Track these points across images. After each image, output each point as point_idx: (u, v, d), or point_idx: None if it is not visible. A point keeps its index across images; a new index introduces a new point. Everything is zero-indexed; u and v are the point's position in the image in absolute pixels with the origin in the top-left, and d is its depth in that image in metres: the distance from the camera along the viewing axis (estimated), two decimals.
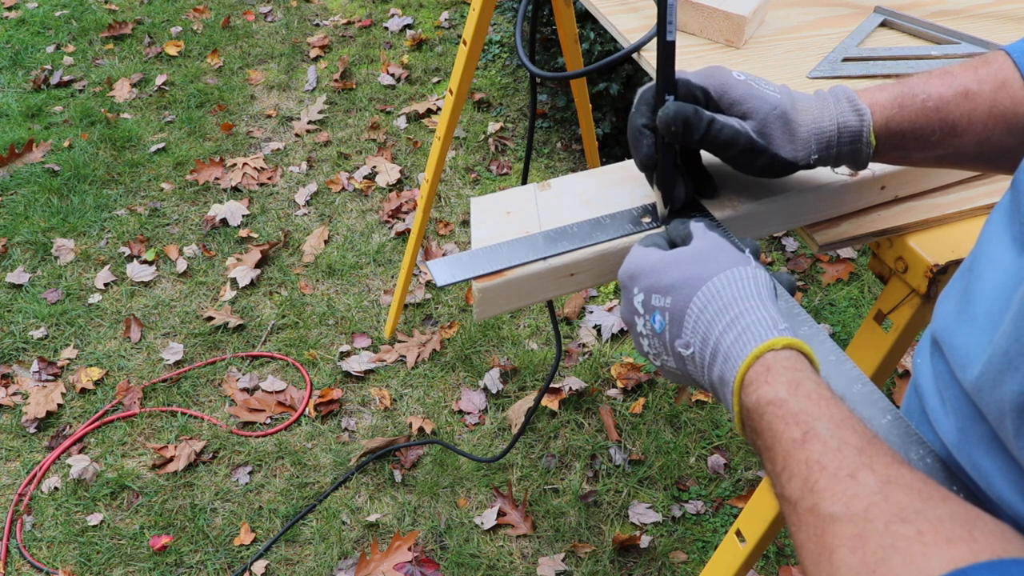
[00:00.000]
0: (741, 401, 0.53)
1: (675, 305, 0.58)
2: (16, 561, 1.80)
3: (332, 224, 2.62)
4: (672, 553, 1.77)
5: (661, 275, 0.60)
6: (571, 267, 0.73)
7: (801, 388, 0.51)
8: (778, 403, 0.50)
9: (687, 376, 0.61)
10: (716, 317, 0.56)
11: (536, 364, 2.17)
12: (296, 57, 3.39)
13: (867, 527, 0.42)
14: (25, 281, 2.43)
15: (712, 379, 0.56)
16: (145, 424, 2.06)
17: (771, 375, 0.52)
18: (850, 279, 2.38)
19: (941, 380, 0.55)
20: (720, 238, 0.62)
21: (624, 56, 1.06)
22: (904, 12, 1.09)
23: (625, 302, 0.64)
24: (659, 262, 0.61)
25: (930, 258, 0.75)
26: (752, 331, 0.54)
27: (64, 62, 3.36)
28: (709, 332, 0.56)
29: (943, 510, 0.41)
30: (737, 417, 0.54)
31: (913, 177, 0.82)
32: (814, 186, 0.77)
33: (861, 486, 0.44)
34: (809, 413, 0.49)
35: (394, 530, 1.83)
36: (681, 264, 0.60)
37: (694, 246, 0.62)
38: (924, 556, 0.39)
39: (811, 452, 0.47)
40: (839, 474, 0.45)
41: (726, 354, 0.55)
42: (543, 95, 2.97)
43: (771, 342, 0.53)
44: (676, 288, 0.59)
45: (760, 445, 0.51)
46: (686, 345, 0.58)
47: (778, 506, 0.89)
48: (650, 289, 0.60)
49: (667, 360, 0.61)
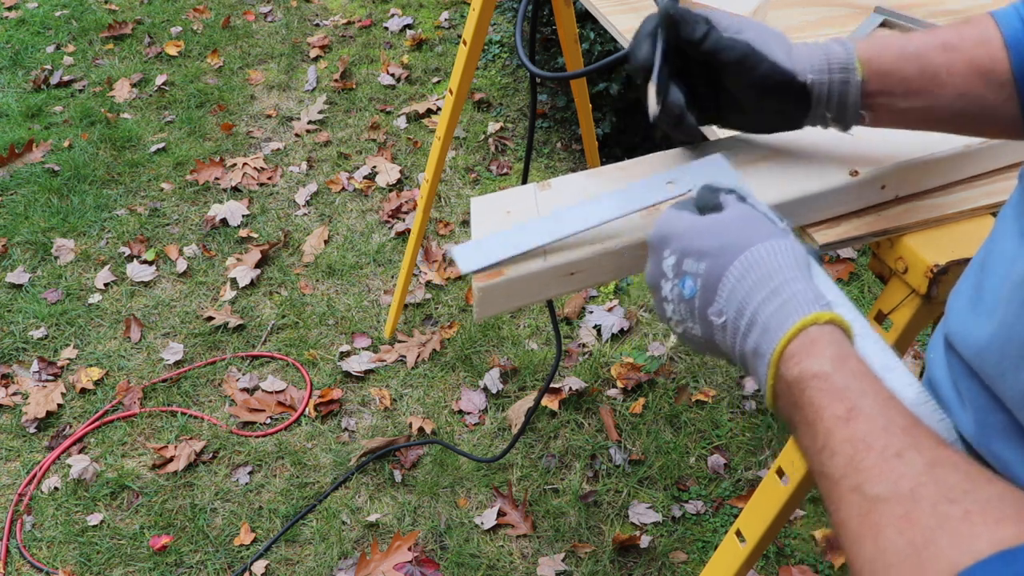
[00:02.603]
0: (779, 373, 0.52)
1: (710, 271, 0.57)
2: (16, 561, 1.80)
3: (332, 224, 2.62)
4: (672, 553, 1.77)
5: (697, 239, 0.59)
6: (571, 267, 0.73)
7: (847, 364, 0.50)
8: (823, 377, 0.49)
9: (711, 345, 0.59)
10: (755, 287, 0.55)
11: (536, 364, 2.17)
12: (296, 57, 3.39)
13: (914, 508, 0.41)
14: (25, 281, 2.43)
15: (744, 349, 0.55)
16: (145, 424, 2.06)
17: (815, 348, 0.51)
18: (850, 279, 2.38)
19: (956, 373, 0.55)
20: (754, 210, 0.61)
21: (624, 56, 1.06)
22: (904, 12, 1.09)
23: (653, 265, 0.62)
24: (695, 226, 0.60)
25: (930, 258, 0.75)
26: (794, 303, 0.53)
27: (64, 62, 3.36)
28: (746, 301, 0.55)
29: (990, 491, 0.41)
30: (770, 390, 0.53)
31: (913, 177, 0.82)
32: (814, 186, 0.77)
33: (908, 466, 0.43)
34: (854, 390, 0.48)
35: (394, 530, 1.83)
36: (719, 230, 0.58)
37: (731, 213, 0.60)
38: (971, 536, 0.39)
39: (856, 430, 0.46)
40: (885, 453, 0.44)
41: (765, 325, 0.53)
42: (543, 95, 2.97)
43: (815, 315, 0.52)
44: (713, 254, 0.57)
45: (798, 419, 0.50)
46: (719, 313, 0.56)
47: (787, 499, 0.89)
48: (684, 252, 0.59)
49: (691, 327, 0.59)
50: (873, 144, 0.81)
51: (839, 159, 0.79)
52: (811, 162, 0.79)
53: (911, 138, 0.82)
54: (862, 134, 0.82)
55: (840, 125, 0.72)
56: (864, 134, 0.82)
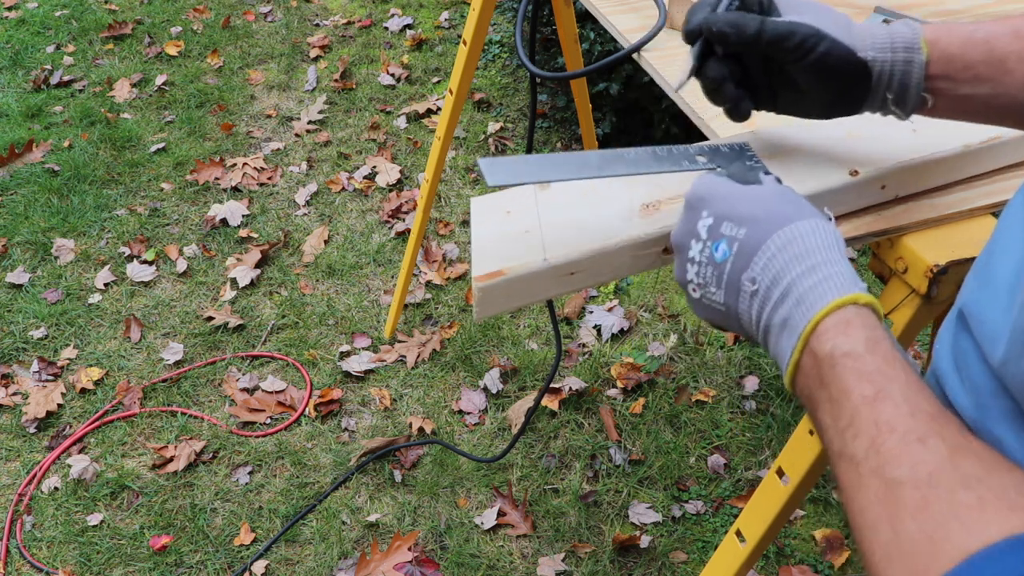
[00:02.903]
0: (810, 347, 0.52)
1: (750, 237, 0.57)
2: (16, 561, 1.80)
3: (332, 224, 2.62)
4: (672, 553, 1.77)
5: (739, 204, 0.59)
6: (571, 266, 0.73)
7: (879, 347, 0.50)
8: (855, 356, 0.49)
9: (728, 313, 0.59)
10: (795, 259, 0.54)
11: (536, 364, 2.17)
12: (296, 57, 3.39)
13: (930, 493, 0.41)
14: (25, 281, 2.43)
15: (771, 320, 0.55)
16: (145, 424, 2.06)
17: (851, 328, 0.50)
18: None
19: (962, 357, 0.55)
20: (796, 192, 0.61)
21: (624, 56, 1.06)
22: (904, 12, 1.09)
23: (685, 224, 0.62)
24: (737, 191, 0.60)
25: (930, 258, 0.75)
26: (834, 281, 0.53)
27: (64, 62, 3.36)
28: (783, 272, 0.54)
29: (1007, 479, 0.41)
30: (793, 364, 0.52)
31: (913, 177, 0.82)
32: (814, 186, 0.77)
33: (929, 452, 0.43)
34: (884, 373, 0.48)
35: (394, 530, 1.83)
36: (763, 200, 0.59)
37: (775, 188, 0.61)
38: (983, 523, 0.39)
39: (881, 412, 0.46)
40: (908, 438, 0.44)
41: (800, 297, 0.53)
42: (543, 95, 2.97)
43: (854, 296, 0.52)
44: (756, 221, 0.57)
45: (822, 397, 0.50)
46: (752, 280, 0.56)
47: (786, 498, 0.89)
48: (724, 215, 0.59)
49: (713, 292, 0.59)
50: (873, 144, 0.81)
51: (839, 159, 0.79)
52: (811, 162, 0.79)
53: (911, 138, 0.82)
54: (862, 134, 0.82)
55: (901, 109, 0.70)
56: (864, 134, 0.82)
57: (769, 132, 0.84)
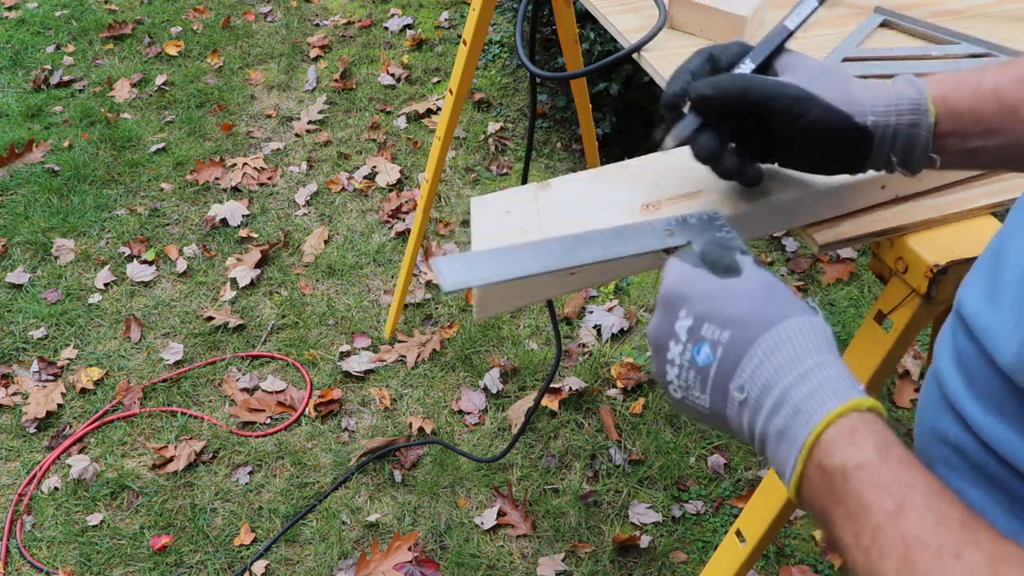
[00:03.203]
0: (816, 460, 0.48)
1: (734, 342, 0.52)
2: (16, 561, 1.80)
3: (332, 224, 2.62)
4: (672, 553, 1.77)
5: (721, 305, 0.54)
6: (571, 267, 0.72)
7: (892, 453, 0.46)
8: (869, 468, 0.46)
9: (718, 419, 0.55)
10: (787, 365, 0.51)
11: (536, 364, 2.17)
12: (296, 57, 3.39)
13: None
14: (25, 281, 2.43)
15: (766, 431, 0.51)
16: (145, 424, 2.06)
17: (858, 437, 0.47)
18: (850, 279, 2.38)
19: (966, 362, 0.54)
20: (780, 280, 0.56)
21: (624, 56, 1.06)
22: (904, 12, 1.09)
23: (662, 323, 0.57)
24: (720, 289, 0.55)
25: (930, 258, 0.75)
26: (831, 387, 0.49)
27: (64, 62, 3.36)
28: (774, 380, 0.51)
29: None
30: (797, 477, 0.49)
31: (913, 177, 0.82)
32: (814, 186, 0.77)
33: (968, 567, 0.41)
34: (904, 482, 0.45)
35: (394, 530, 1.83)
36: (746, 298, 0.54)
37: (757, 280, 0.56)
38: None
39: (908, 526, 0.43)
40: (942, 552, 0.41)
41: (796, 408, 0.49)
42: (543, 95, 2.97)
43: (856, 401, 0.48)
44: (740, 323, 0.53)
45: (838, 513, 0.47)
46: (740, 389, 0.52)
47: (787, 498, 0.89)
48: (704, 317, 0.54)
49: (697, 397, 0.55)
50: None
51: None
52: None
53: None
54: None
55: (906, 169, 0.67)
56: None
57: None
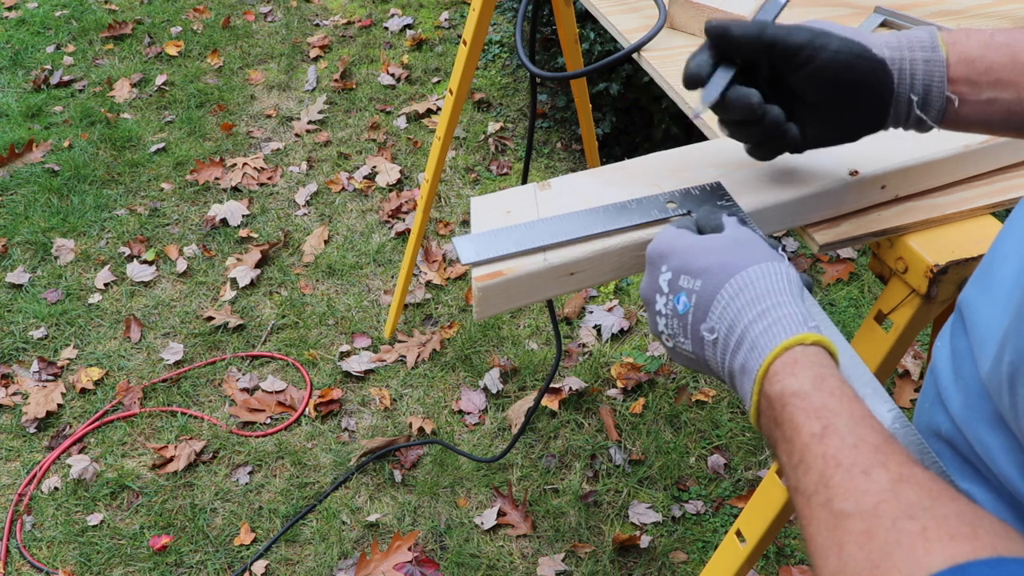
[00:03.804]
0: (764, 390, 0.54)
1: (705, 289, 0.59)
2: (16, 561, 1.80)
3: (332, 224, 2.62)
4: (672, 553, 1.77)
5: (694, 258, 0.61)
6: (571, 266, 0.73)
7: (825, 384, 0.51)
8: (802, 396, 0.51)
9: (701, 361, 0.61)
10: (747, 306, 0.56)
11: (536, 364, 2.17)
12: (296, 57, 3.39)
13: (875, 523, 0.42)
14: (25, 281, 2.43)
15: (732, 366, 0.57)
16: (145, 424, 2.06)
17: (798, 368, 0.52)
18: (850, 279, 2.38)
19: (958, 358, 0.56)
20: (753, 233, 0.63)
21: (624, 56, 1.06)
22: (904, 12, 1.09)
23: (649, 279, 0.64)
24: (693, 245, 0.62)
25: (930, 258, 0.75)
26: (782, 324, 0.55)
27: (64, 62, 3.36)
28: (737, 320, 0.56)
29: (950, 508, 0.42)
30: (754, 407, 0.54)
31: (913, 177, 0.82)
32: (814, 186, 0.77)
33: (873, 483, 0.44)
34: (831, 408, 0.50)
35: (394, 530, 1.83)
36: (716, 250, 0.60)
37: (729, 235, 0.63)
38: (926, 552, 0.40)
39: (828, 447, 0.47)
40: (853, 470, 0.46)
41: (753, 343, 0.55)
42: (543, 95, 2.97)
43: (800, 336, 0.54)
44: (709, 272, 0.59)
45: (778, 436, 0.52)
46: (711, 330, 0.58)
47: (787, 499, 0.89)
48: (680, 270, 0.61)
49: (682, 343, 0.61)
50: (873, 144, 0.81)
51: (839, 159, 0.79)
52: (811, 162, 0.79)
53: (911, 138, 0.82)
54: None
55: (927, 114, 0.66)
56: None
57: None
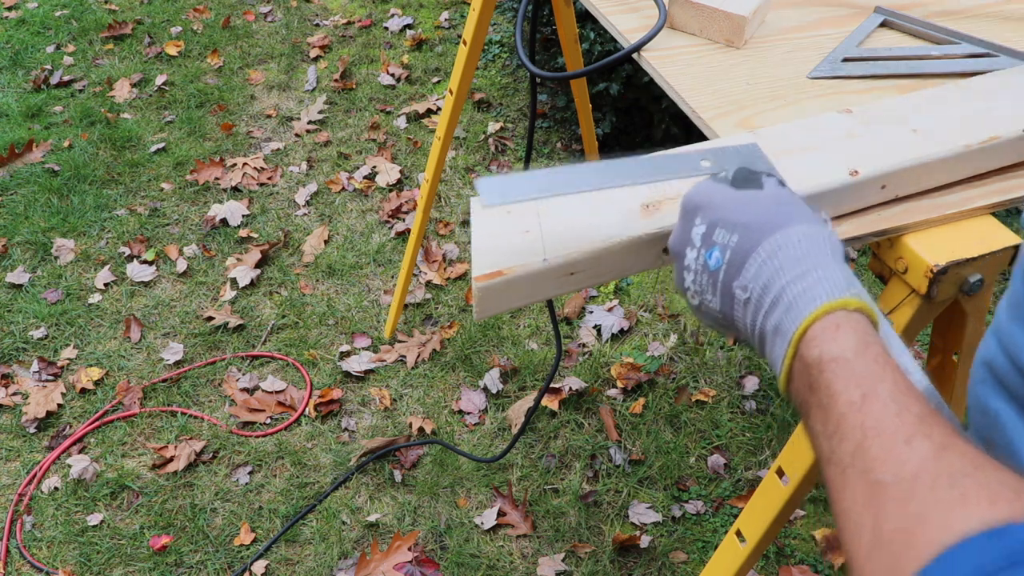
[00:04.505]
0: (799, 353, 0.51)
1: (741, 244, 0.57)
2: (16, 561, 1.80)
3: (332, 224, 2.62)
4: (672, 553, 1.77)
5: (732, 211, 0.58)
6: (571, 266, 0.72)
7: (868, 351, 0.49)
8: (842, 362, 0.49)
9: (728, 321, 0.59)
10: (786, 265, 0.54)
11: (536, 364, 2.17)
12: (296, 57, 3.39)
13: (913, 491, 0.41)
14: (25, 281, 2.43)
15: (764, 327, 0.55)
16: (145, 424, 2.06)
17: (840, 333, 0.50)
18: None
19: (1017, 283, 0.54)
20: (794, 195, 0.61)
21: (624, 56, 1.06)
22: (904, 12, 1.09)
23: (680, 231, 0.62)
24: (733, 199, 0.59)
25: (930, 258, 0.75)
26: (823, 286, 0.52)
27: (64, 62, 3.36)
28: (774, 279, 0.54)
29: (993, 476, 0.41)
30: (785, 371, 0.52)
31: (913, 177, 0.82)
32: (814, 186, 0.77)
33: (914, 452, 0.43)
34: (874, 376, 0.48)
35: (394, 530, 1.83)
36: (757, 205, 0.58)
37: (770, 193, 0.60)
38: (963, 516, 0.38)
39: (868, 416, 0.46)
40: (895, 439, 0.44)
41: (790, 303, 0.53)
42: (543, 95, 2.97)
43: (843, 300, 0.52)
44: (747, 228, 0.57)
45: (812, 402, 0.50)
46: (744, 288, 0.56)
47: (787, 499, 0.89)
48: (716, 223, 0.59)
49: (709, 300, 0.59)
50: (873, 144, 0.81)
51: (839, 159, 0.79)
52: (811, 162, 0.79)
53: (911, 138, 0.81)
54: (862, 134, 0.82)
55: None
56: (864, 133, 0.82)
57: (769, 132, 0.84)
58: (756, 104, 0.96)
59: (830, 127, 0.82)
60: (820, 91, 0.98)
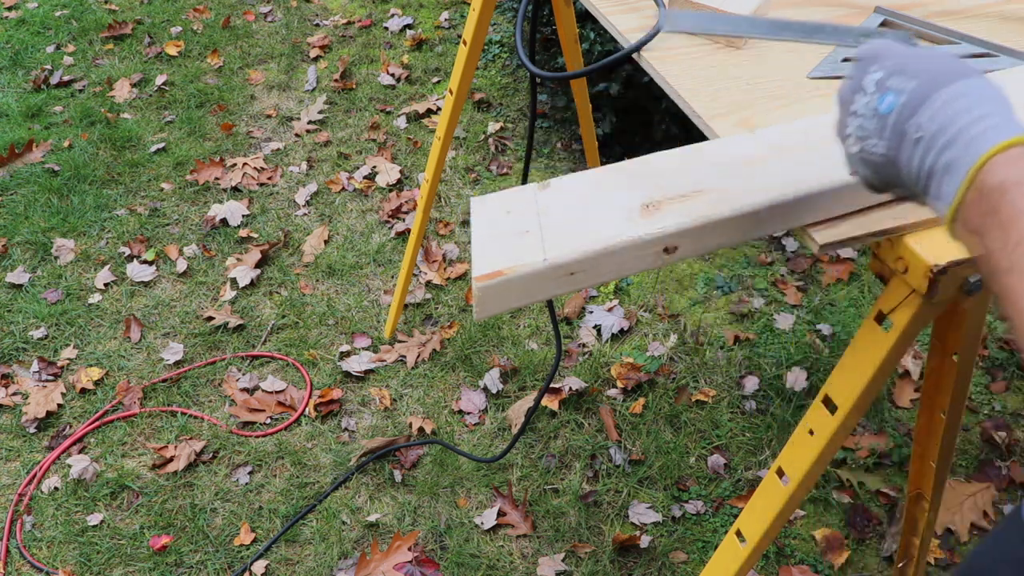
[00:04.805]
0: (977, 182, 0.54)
1: (920, 89, 0.59)
2: (16, 561, 1.80)
3: (332, 224, 2.62)
4: (672, 553, 1.77)
5: (914, 60, 0.62)
6: (571, 266, 0.73)
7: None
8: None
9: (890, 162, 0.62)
10: (966, 109, 0.57)
11: (536, 364, 2.17)
12: (296, 57, 3.39)
13: None
14: (25, 281, 2.43)
15: (935, 165, 0.57)
16: (145, 424, 2.06)
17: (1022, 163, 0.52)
18: (850, 279, 2.38)
19: None
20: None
21: (624, 56, 1.06)
22: (904, 12, 1.09)
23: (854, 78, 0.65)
24: (911, 51, 0.63)
25: (930, 258, 0.75)
26: (1003, 129, 0.55)
27: (64, 62, 3.36)
28: (952, 121, 0.57)
29: None
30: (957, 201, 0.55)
31: None
32: (814, 186, 0.77)
33: None
34: None
35: (394, 530, 1.83)
36: (937, 58, 0.62)
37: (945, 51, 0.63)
38: None
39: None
40: None
41: (969, 141, 0.55)
42: (543, 95, 2.97)
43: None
44: (928, 73, 0.60)
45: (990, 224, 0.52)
46: (917, 127, 0.58)
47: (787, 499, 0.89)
48: (895, 69, 0.62)
49: (873, 144, 0.62)
50: None
51: (839, 159, 0.79)
52: (811, 162, 0.79)
53: None
54: None
55: None
56: None
57: (769, 131, 0.84)
58: (756, 104, 0.96)
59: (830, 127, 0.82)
60: (820, 91, 0.98)
